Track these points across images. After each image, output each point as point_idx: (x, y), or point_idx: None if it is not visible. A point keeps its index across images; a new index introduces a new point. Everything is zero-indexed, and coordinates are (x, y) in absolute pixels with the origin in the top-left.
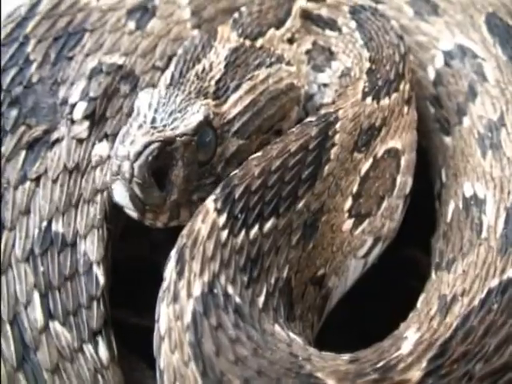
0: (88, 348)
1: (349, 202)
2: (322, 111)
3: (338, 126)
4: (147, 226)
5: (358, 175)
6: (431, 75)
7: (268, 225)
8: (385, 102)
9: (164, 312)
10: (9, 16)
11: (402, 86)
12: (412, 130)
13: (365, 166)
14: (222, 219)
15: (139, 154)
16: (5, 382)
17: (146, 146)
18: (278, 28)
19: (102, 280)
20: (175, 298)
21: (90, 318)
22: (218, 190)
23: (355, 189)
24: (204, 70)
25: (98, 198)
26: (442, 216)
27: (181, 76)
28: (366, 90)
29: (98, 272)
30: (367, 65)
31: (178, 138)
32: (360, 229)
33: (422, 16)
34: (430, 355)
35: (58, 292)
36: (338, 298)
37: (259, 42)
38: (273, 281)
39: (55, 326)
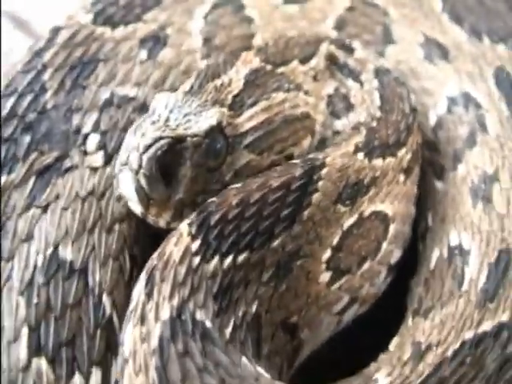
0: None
1: (327, 253)
2: (311, 155)
3: (323, 172)
4: None
5: (340, 228)
6: (432, 121)
7: (241, 257)
8: (377, 162)
9: (130, 333)
10: (29, 48)
11: (400, 154)
12: (408, 202)
13: (348, 221)
14: (196, 245)
15: (149, 146)
16: None
17: (156, 140)
18: (302, 63)
19: (108, 310)
20: (142, 320)
21: (91, 348)
22: (193, 215)
23: (335, 241)
24: (223, 84)
25: (117, 227)
26: (426, 261)
27: (200, 87)
28: (360, 145)
29: (107, 302)
30: (373, 124)
31: (189, 138)
32: (337, 284)
33: (432, 60)
34: None
35: (55, 322)
36: (309, 351)
37: (281, 69)
38: (240, 314)
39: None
